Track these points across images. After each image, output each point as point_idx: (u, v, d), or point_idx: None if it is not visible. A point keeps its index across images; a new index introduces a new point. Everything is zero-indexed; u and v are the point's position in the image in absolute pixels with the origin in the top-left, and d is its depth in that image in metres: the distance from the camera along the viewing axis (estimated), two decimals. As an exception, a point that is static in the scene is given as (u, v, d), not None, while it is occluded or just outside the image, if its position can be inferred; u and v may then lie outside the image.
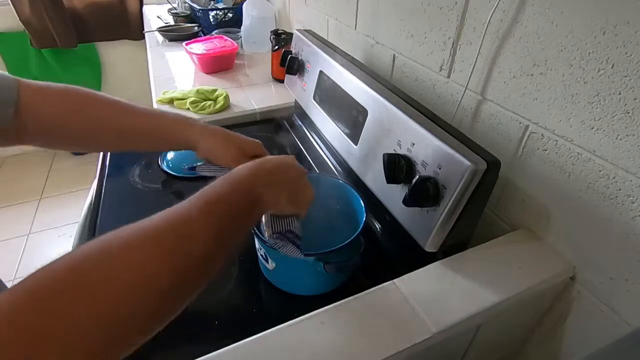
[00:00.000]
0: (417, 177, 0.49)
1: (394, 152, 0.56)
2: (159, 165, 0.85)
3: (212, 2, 1.72)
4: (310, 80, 0.85)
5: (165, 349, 0.50)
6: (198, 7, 1.59)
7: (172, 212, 0.33)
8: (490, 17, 0.56)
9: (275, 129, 1.03)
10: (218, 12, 1.60)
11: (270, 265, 0.55)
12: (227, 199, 0.36)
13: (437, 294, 0.48)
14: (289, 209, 0.45)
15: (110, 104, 0.53)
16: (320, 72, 0.80)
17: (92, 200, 0.77)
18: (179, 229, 0.32)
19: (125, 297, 0.27)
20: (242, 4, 1.49)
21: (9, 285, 0.48)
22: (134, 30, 2.36)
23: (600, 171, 0.48)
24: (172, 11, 1.84)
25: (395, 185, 0.55)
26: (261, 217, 0.43)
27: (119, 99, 0.54)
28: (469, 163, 0.45)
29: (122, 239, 0.29)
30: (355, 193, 0.60)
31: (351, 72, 0.69)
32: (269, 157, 0.47)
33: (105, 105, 0.53)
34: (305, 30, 0.94)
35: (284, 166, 0.45)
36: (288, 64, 0.91)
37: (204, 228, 0.33)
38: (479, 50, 0.60)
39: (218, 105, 1.02)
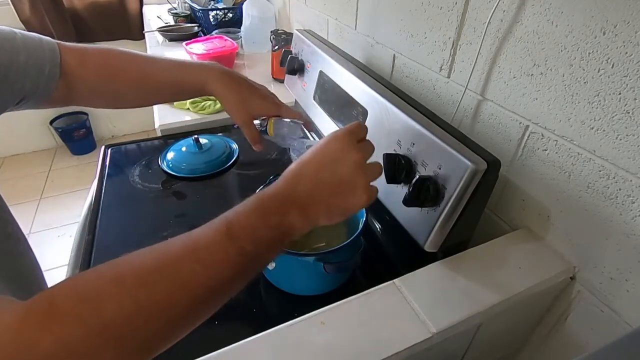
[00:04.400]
0: (417, 177, 0.49)
1: (394, 152, 0.56)
2: (159, 165, 0.85)
3: (212, 2, 1.72)
4: (310, 80, 0.85)
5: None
6: (198, 7, 1.59)
7: (192, 237, 0.31)
8: (490, 17, 0.56)
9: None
10: (218, 12, 1.60)
11: (270, 265, 0.55)
12: (252, 230, 0.32)
13: (437, 294, 0.48)
14: (328, 222, 0.38)
15: (145, 64, 0.55)
16: (320, 72, 0.80)
17: (92, 200, 0.77)
18: (199, 258, 0.30)
19: (132, 322, 0.26)
20: (242, 4, 1.49)
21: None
22: (134, 30, 2.36)
23: (600, 171, 0.48)
24: (172, 11, 1.84)
25: (395, 185, 0.55)
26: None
27: (152, 57, 0.57)
28: (469, 163, 0.45)
29: (137, 265, 0.28)
30: (355, 193, 0.60)
31: (351, 72, 0.69)
32: (311, 154, 0.38)
33: (142, 66, 0.55)
34: (305, 30, 0.94)
35: (329, 165, 0.37)
36: (288, 64, 0.91)
37: (224, 260, 0.30)
38: (479, 50, 0.60)
39: (218, 105, 1.02)
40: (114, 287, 0.27)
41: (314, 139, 0.53)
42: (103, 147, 0.92)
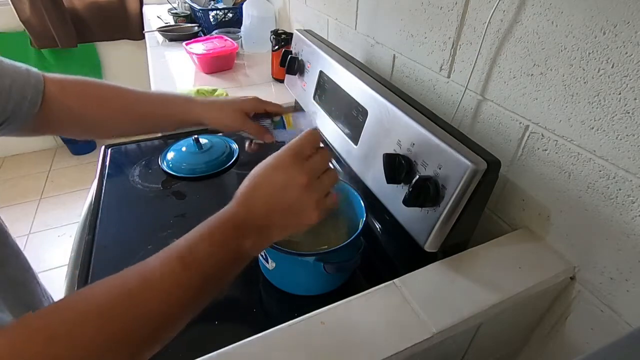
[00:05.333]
0: (417, 177, 0.49)
1: (394, 152, 0.56)
2: (159, 165, 0.85)
3: (212, 2, 1.72)
4: (310, 80, 0.85)
5: (164, 349, 0.50)
6: (198, 7, 1.59)
7: (145, 267, 0.33)
8: (490, 17, 0.56)
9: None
10: (218, 12, 1.60)
11: (270, 265, 0.55)
12: (204, 256, 0.34)
13: (437, 294, 0.48)
14: (282, 238, 0.40)
15: (127, 95, 0.57)
16: (320, 72, 0.80)
17: (92, 200, 0.77)
18: (151, 287, 0.31)
19: (102, 356, 0.28)
20: (242, 4, 1.49)
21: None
22: (134, 30, 2.36)
23: (600, 171, 0.48)
24: (172, 11, 1.84)
25: (395, 185, 0.55)
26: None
27: (134, 89, 0.58)
28: (469, 163, 0.45)
29: (101, 301, 0.30)
30: (355, 193, 0.60)
31: (351, 72, 0.69)
32: (260, 177, 0.39)
33: (123, 97, 0.57)
34: (305, 30, 0.94)
35: (278, 192, 0.37)
36: (288, 64, 0.91)
37: (183, 289, 0.32)
38: (479, 50, 0.60)
39: (218, 105, 1.02)
40: (82, 324, 0.29)
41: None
42: (103, 147, 0.92)
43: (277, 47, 1.17)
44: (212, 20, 1.59)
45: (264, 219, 0.37)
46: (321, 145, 0.40)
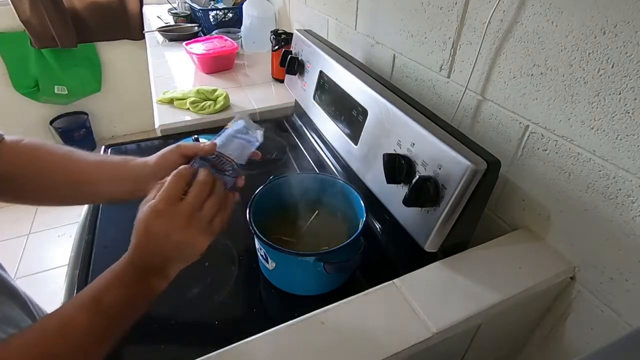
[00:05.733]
0: (417, 177, 0.49)
1: (394, 152, 0.56)
2: (159, 165, 0.85)
3: (212, 2, 1.72)
4: (310, 80, 0.85)
5: (165, 349, 0.50)
6: (198, 7, 1.59)
7: (60, 312, 0.37)
8: (490, 17, 0.56)
9: (275, 128, 1.03)
10: (218, 12, 1.60)
11: (270, 265, 0.55)
12: (114, 299, 0.38)
13: (437, 294, 0.48)
14: (183, 267, 0.43)
15: (63, 152, 0.53)
16: (320, 72, 0.80)
17: (92, 200, 0.77)
18: (63, 329, 0.36)
19: None
20: (242, 4, 1.49)
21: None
22: (134, 30, 2.36)
23: (600, 171, 0.48)
24: (172, 11, 1.83)
25: (395, 185, 0.55)
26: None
27: (69, 148, 0.54)
28: (469, 163, 0.45)
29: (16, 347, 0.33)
30: (355, 193, 0.60)
31: (351, 72, 0.69)
32: (145, 228, 0.41)
33: (58, 154, 0.52)
34: (305, 30, 0.94)
35: (163, 240, 0.40)
36: (288, 64, 0.91)
37: (89, 326, 0.36)
38: (479, 50, 0.60)
39: (218, 105, 1.02)
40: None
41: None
42: (103, 147, 0.92)
43: (277, 47, 1.17)
44: (212, 20, 1.59)
45: (159, 261, 0.41)
46: (199, 173, 0.43)
